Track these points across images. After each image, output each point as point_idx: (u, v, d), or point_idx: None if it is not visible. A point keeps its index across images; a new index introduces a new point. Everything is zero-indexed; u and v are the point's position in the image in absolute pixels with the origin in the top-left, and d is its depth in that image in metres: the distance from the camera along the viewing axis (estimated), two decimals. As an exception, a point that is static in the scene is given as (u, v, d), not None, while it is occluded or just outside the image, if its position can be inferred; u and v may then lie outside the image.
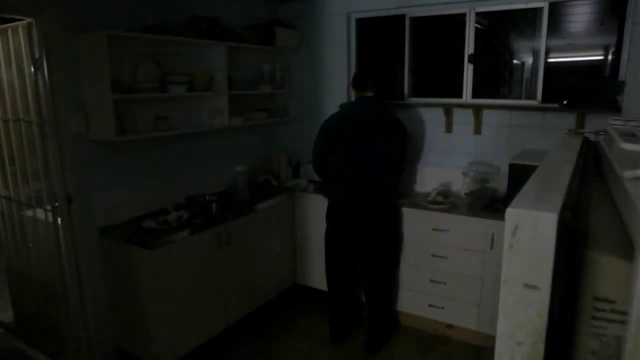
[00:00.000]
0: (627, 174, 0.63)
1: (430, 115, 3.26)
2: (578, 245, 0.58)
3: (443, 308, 2.88)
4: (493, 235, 2.61)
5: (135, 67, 2.54)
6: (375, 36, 3.48)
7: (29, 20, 2.23)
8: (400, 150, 2.73)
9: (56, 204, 2.40)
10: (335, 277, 2.90)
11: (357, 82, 2.78)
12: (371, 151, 2.64)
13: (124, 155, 2.63)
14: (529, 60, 2.97)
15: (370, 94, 2.72)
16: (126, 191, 2.66)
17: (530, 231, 0.52)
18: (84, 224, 2.45)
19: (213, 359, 2.75)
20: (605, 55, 2.76)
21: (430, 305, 2.92)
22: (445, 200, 2.88)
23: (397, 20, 3.29)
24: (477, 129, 3.10)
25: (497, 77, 3.07)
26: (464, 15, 3.04)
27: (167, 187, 2.88)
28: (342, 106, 3.22)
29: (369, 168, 2.65)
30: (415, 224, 2.88)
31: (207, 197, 2.90)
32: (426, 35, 3.27)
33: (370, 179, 2.66)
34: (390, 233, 2.82)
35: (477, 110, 3.05)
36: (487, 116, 3.05)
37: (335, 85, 3.56)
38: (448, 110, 3.16)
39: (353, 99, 2.87)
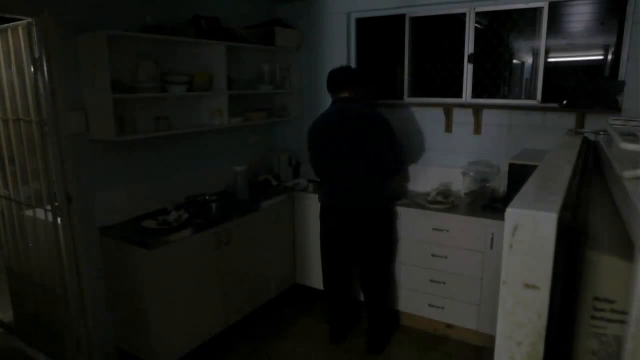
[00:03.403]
0: (627, 174, 0.63)
1: (430, 115, 3.26)
2: (578, 245, 0.58)
3: (443, 308, 2.88)
4: (493, 235, 2.61)
5: (135, 67, 2.54)
6: (375, 36, 3.48)
7: (29, 20, 2.23)
8: (390, 148, 2.65)
9: (56, 204, 2.40)
10: (332, 278, 2.89)
11: (330, 86, 2.76)
12: (356, 152, 2.60)
13: (124, 155, 2.63)
14: (529, 60, 2.97)
15: (346, 94, 2.69)
16: (126, 191, 2.66)
17: (530, 231, 0.52)
18: (84, 224, 2.45)
19: (213, 359, 2.75)
20: (605, 55, 2.76)
21: (430, 305, 2.92)
22: (445, 200, 2.88)
23: (397, 20, 3.29)
24: (477, 129, 3.10)
25: (497, 77, 3.07)
26: (464, 15, 3.04)
27: (167, 187, 2.88)
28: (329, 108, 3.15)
29: (356, 169, 2.62)
30: (415, 224, 2.88)
31: (207, 197, 2.90)
32: (426, 35, 3.27)
33: (358, 180, 2.63)
34: (383, 233, 2.79)
35: (477, 110, 3.05)
36: (487, 116, 3.05)
37: (335, 85, 3.55)
38: (448, 110, 3.16)
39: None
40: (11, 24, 2.39)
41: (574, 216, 0.66)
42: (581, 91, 2.68)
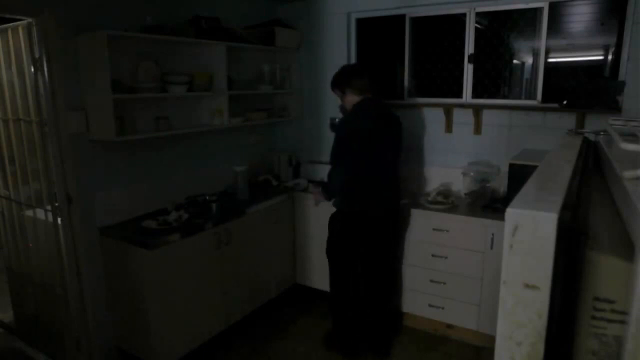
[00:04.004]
0: (627, 174, 0.63)
1: (430, 115, 3.26)
2: (578, 245, 0.58)
3: (443, 308, 2.88)
4: (493, 235, 2.61)
5: (135, 67, 2.54)
6: (375, 36, 3.48)
7: (29, 20, 2.23)
8: (402, 148, 2.75)
9: (56, 204, 2.40)
10: (348, 291, 2.74)
11: (360, 84, 2.60)
12: (388, 153, 2.60)
13: (124, 155, 2.63)
14: (529, 60, 2.97)
15: (369, 94, 2.63)
16: (126, 191, 2.66)
17: (530, 231, 0.52)
18: (84, 224, 2.45)
19: (213, 359, 2.75)
20: (605, 55, 2.76)
21: (430, 305, 2.92)
22: (445, 200, 2.88)
23: (397, 20, 3.29)
24: (477, 129, 3.10)
25: (497, 77, 3.07)
26: (464, 15, 3.04)
27: (167, 187, 2.88)
28: (359, 108, 3.01)
29: (388, 170, 2.61)
30: (415, 224, 2.88)
31: (207, 197, 2.90)
32: (426, 35, 3.27)
33: (389, 182, 2.63)
34: (400, 234, 2.83)
35: (477, 110, 3.05)
36: (487, 116, 3.05)
37: (335, 85, 3.55)
38: (448, 110, 3.16)
39: (342, 100, 2.71)
40: (11, 24, 2.39)
41: (574, 216, 0.66)
42: (581, 91, 2.68)
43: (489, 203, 2.84)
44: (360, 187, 2.56)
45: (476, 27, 3.02)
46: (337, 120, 2.93)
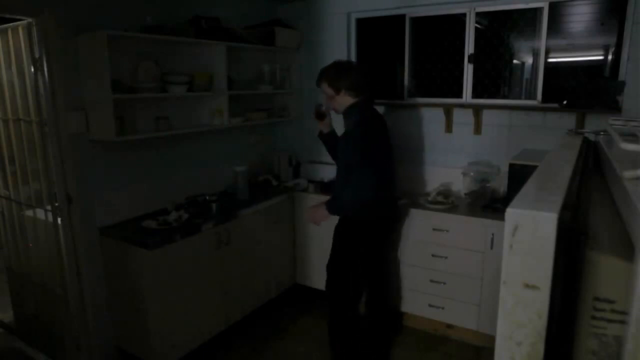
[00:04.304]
0: (627, 174, 0.63)
1: (430, 115, 3.26)
2: (578, 245, 0.58)
3: (443, 308, 2.88)
4: (493, 235, 2.61)
5: (135, 67, 2.54)
6: (375, 36, 3.48)
7: (29, 20, 2.23)
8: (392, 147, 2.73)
9: (56, 204, 2.40)
10: (348, 291, 2.63)
11: (362, 84, 2.47)
12: (391, 154, 2.60)
13: (124, 155, 2.63)
14: (529, 60, 2.97)
15: (364, 95, 2.50)
16: (126, 191, 2.66)
17: (530, 231, 0.52)
18: (84, 224, 2.45)
19: (213, 359, 2.75)
20: (605, 55, 2.76)
21: (430, 305, 2.92)
22: (445, 200, 2.88)
23: (397, 20, 3.29)
24: (477, 129, 3.09)
25: (497, 77, 3.07)
26: (464, 15, 3.04)
27: (167, 187, 2.88)
28: (359, 111, 2.67)
29: (387, 172, 2.59)
30: (415, 224, 2.88)
31: (207, 197, 2.90)
32: (426, 35, 3.27)
33: (390, 183, 2.61)
34: (399, 234, 2.86)
35: (477, 110, 3.05)
36: (487, 116, 3.05)
37: (335, 85, 3.55)
38: (448, 110, 3.15)
39: (330, 99, 2.53)
40: (11, 24, 2.39)
41: (574, 216, 0.66)
42: (581, 91, 2.68)
43: (489, 203, 2.84)
44: (376, 193, 2.44)
45: (476, 27, 3.02)
46: (323, 107, 2.66)
